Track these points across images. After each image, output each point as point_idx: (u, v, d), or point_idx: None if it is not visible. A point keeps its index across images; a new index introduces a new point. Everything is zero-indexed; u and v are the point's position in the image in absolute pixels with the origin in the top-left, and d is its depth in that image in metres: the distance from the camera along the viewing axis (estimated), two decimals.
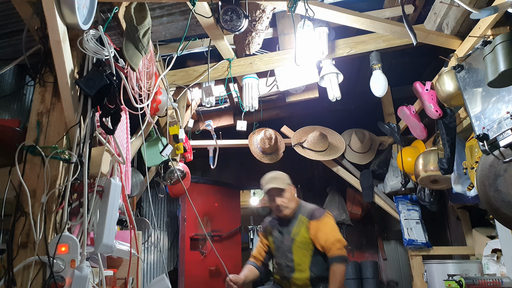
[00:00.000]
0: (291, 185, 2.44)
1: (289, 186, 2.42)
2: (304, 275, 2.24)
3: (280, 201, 2.35)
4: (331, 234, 2.21)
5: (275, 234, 2.43)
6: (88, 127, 1.64)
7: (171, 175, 2.82)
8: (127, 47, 1.84)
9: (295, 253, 2.28)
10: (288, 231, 2.35)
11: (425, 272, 3.17)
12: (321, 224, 2.26)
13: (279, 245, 2.38)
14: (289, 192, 2.40)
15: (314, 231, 2.25)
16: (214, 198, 4.40)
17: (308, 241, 2.26)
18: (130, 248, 1.92)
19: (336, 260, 2.14)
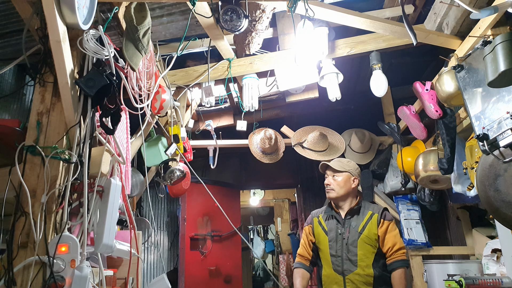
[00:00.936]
0: (351, 174, 2.37)
1: (347, 173, 2.36)
2: (367, 272, 2.18)
3: (327, 181, 2.35)
4: (400, 240, 2.25)
5: (330, 224, 2.35)
6: (88, 127, 1.64)
7: (171, 175, 2.82)
8: (127, 47, 1.84)
9: (360, 247, 2.21)
10: (352, 223, 2.28)
11: (425, 272, 3.17)
12: (392, 227, 2.27)
13: (337, 236, 2.29)
14: (344, 178, 2.35)
15: (384, 231, 2.24)
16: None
17: (375, 237, 2.23)
18: (130, 248, 1.92)
19: (402, 263, 2.18)
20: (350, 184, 2.34)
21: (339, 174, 2.35)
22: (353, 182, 2.36)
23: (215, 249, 4.18)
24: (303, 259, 2.39)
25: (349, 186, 2.34)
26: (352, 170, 2.38)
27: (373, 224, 2.24)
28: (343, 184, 2.33)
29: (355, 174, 2.38)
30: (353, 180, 2.36)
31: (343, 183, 2.33)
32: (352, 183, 2.35)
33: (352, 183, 2.35)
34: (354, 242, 2.22)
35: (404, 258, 2.19)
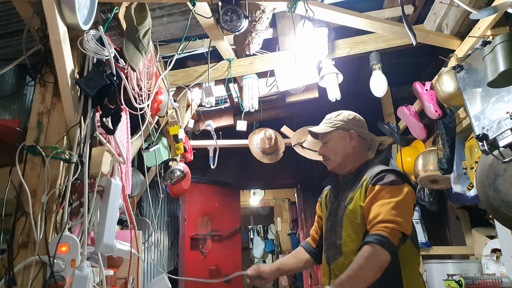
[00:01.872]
0: (344, 129, 1.74)
1: (337, 131, 1.74)
2: (351, 260, 1.44)
3: (321, 151, 1.78)
4: (387, 211, 1.41)
5: (330, 199, 1.77)
6: (89, 127, 1.64)
7: (171, 175, 2.82)
8: (127, 47, 1.84)
9: (345, 227, 1.57)
10: (344, 195, 1.65)
11: (425, 272, 3.17)
12: (385, 193, 1.47)
13: (330, 213, 1.71)
14: (335, 139, 1.74)
15: (370, 199, 1.50)
16: (214, 198, 4.41)
17: (361, 211, 1.53)
18: (131, 248, 1.92)
19: (373, 238, 1.37)
20: (346, 143, 1.73)
21: (328, 137, 1.76)
22: (351, 139, 1.74)
23: (215, 249, 4.19)
24: (310, 238, 1.90)
25: (345, 145, 1.73)
26: (343, 124, 1.76)
27: (361, 193, 1.55)
28: (337, 147, 1.73)
29: (350, 127, 1.75)
30: (350, 136, 1.74)
31: (336, 146, 1.74)
32: (349, 141, 1.73)
33: (350, 140, 1.74)
34: (340, 220, 1.61)
35: (383, 232, 1.37)
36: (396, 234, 1.37)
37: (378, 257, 1.34)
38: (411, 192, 1.51)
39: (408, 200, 1.47)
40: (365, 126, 1.81)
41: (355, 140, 1.74)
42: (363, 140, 1.77)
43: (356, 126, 1.77)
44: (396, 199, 1.44)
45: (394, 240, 1.36)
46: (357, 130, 1.75)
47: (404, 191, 1.48)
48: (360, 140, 1.76)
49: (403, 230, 1.38)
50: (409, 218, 1.44)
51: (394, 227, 1.37)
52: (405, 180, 1.53)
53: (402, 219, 1.39)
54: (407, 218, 1.42)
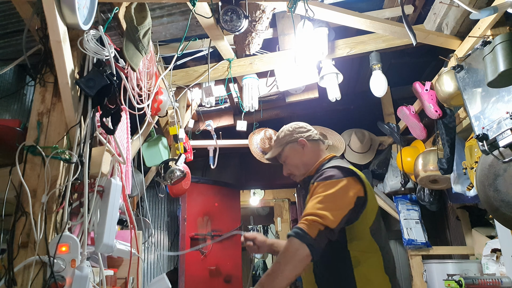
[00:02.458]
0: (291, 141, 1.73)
1: (287, 145, 1.73)
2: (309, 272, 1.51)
3: (285, 171, 1.77)
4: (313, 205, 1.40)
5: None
6: (89, 127, 1.64)
7: (171, 175, 2.82)
8: (127, 47, 1.84)
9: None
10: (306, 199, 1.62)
11: (425, 272, 3.17)
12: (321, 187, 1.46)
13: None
14: (288, 153, 1.73)
15: (309, 198, 1.50)
16: (214, 198, 4.41)
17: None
18: (131, 248, 1.92)
19: (292, 232, 1.36)
20: (299, 152, 1.71)
21: (283, 156, 1.75)
22: (302, 146, 1.71)
23: (215, 249, 4.19)
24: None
25: (300, 155, 1.71)
26: (288, 137, 1.75)
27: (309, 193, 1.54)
28: (294, 161, 1.72)
29: (296, 137, 1.73)
30: (301, 144, 1.71)
31: (293, 160, 1.72)
32: (302, 149, 1.71)
33: (302, 148, 1.71)
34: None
35: (301, 225, 1.35)
36: (315, 226, 1.33)
37: (295, 251, 1.30)
38: (350, 185, 1.44)
39: (342, 193, 1.41)
40: (309, 128, 1.78)
41: (306, 145, 1.72)
42: (315, 142, 1.74)
43: (300, 133, 1.75)
44: (325, 193, 1.41)
45: (311, 233, 1.31)
46: (304, 136, 1.73)
47: (338, 185, 1.43)
48: (311, 143, 1.74)
49: (326, 223, 1.33)
50: (338, 212, 1.37)
51: (313, 219, 1.34)
52: (347, 174, 1.47)
53: (326, 212, 1.34)
54: (334, 212, 1.36)
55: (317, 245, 1.32)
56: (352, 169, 1.51)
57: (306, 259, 1.31)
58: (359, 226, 1.43)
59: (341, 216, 1.37)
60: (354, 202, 1.41)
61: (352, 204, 1.41)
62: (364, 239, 1.43)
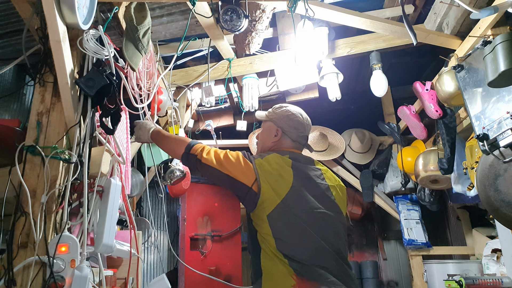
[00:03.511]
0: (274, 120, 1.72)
1: (268, 123, 1.74)
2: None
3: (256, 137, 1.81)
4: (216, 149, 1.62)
5: None
6: (88, 127, 1.63)
7: (171, 175, 2.82)
8: (127, 47, 1.84)
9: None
10: None
11: (425, 272, 3.17)
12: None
13: None
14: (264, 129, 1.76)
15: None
16: (214, 198, 4.40)
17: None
18: (130, 248, 1.92)
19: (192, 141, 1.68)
20: (270, 136, 1.70)
21: (263, 125, 1.78)
22: (276, 134, 1.70)
23: (215, 249, 4.18)
24: None
25: (268, 139, 1.71)
26: (276, 117, 1.72)
27: None
28: (262, 137, 1.74)
29: (280, 124, 1.70)
30: (276, 131, 1.70)
31: (263, 136, 1.74)
32: (273, 135, 1.70)
33: (274, 136, 1.70)
34: None
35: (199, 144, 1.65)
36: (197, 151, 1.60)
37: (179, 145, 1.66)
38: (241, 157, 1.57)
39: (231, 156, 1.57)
40: (298, 127, 1.73)
41: (278, 137, 1.70)
42: (289, 140, 1.71)
43: (287, 124, 1.71)
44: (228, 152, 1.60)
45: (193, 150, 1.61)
46: (285, 129, 1.70)
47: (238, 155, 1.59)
48: (284, 138, 1.71)
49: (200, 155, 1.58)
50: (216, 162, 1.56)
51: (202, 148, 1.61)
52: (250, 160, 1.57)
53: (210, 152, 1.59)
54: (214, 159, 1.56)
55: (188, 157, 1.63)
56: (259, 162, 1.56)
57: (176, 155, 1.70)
58: (258, 215, 1.53)
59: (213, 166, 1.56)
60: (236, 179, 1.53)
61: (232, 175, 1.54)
62: (262, 225, 1.51)
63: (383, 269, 4.48)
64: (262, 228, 1.51)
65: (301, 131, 1.74)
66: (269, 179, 1.53)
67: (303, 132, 1.75)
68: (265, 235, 1.50)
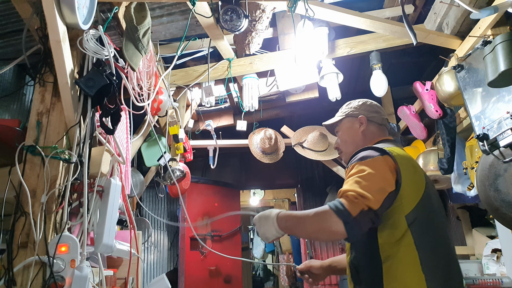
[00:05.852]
0: (353, 116, 1.59)
1: (346, 118, 1.60)
2: (348, 260, 1.39)
3: (335, 144, 1.67)
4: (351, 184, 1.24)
5: None
6: (88, 127, 1.63)
7: (171, 175, 2.82)
8: (127, 47, 1.84)
9: None
10: None
11: None
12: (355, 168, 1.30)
13: None
14: (344, 127, 1.61)
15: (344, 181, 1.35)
16: (214, 198, 4.40)
17: None
18: (130, 248, 1.92)
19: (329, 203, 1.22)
20: (355, 129, 1.58)
21: (339, 127, 1.64)
22: (360, 124, 1.57)
23: (215, 249, 4.18)
24: None
25: (354, 133, 1.57)
26: (352, 110, 1.61)
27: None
28: (346, 136, 1.60)
29: (360, 112, 1.58)
30: (359, 122, 1.57)
31: (346, 135, 1.60)
32: (358, 126, 1.57)
33: (359, 126, 1.57)
34: None
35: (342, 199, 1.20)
36: (357, 204, 1.17)
37: (328, 220, 1.18)
38: (385, 162, 1.28)
39: (380, 172, 1.25)
40: (379, 111, 1.59)
41: (364, 125, 1.55)
42: (375, 125, 1.56)
43: (366, 110, 1.58)
44: (361, 174, 1.25)
45: (352, 210, 1.16)
46: (367, 115, 1.56)
47: (376, 163, 1.27)
48: (371, 124, 1.56)
49: (369, 203, 1.17)
50: (379, 193, 1.20)
51: (355, 196, 1.18)
52: (382, 153, 1.31)
53: (366, 193, 1.18)
54: (375, 192, 1.19)
55: (357, 225, 1.16)
56: (387, 149, 1.32)
57: (338, 235, 1.18)
58: (392, 214, 1.25)
59: (383, 197, 1.20)
60: (394, 184, 1.24)
61: (393, 185, 1.23)
62: (397, 229, 1.23)
63: None
64: (394, 234, 1.23)
65: (382, 114, 1.61)
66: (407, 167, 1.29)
67: (384, 115, 1.62)
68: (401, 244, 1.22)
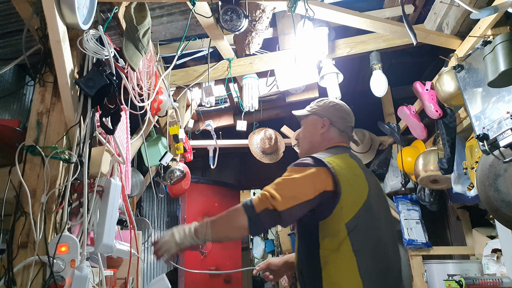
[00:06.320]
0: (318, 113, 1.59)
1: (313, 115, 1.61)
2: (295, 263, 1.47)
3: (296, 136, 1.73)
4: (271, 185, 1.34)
5: None
6: (88, 127, 1.64)
7: (171, 175, 2.82)
8: (127, 47, 1.84)
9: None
10: None
11: (425, 272, 3.17)
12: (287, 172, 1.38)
13: None
14: (308, 122, 1.61)
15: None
16: (214, 198, 4.40)
17: None
18: (130, 248, 1.92)
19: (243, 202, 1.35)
20: (316, 129, 1.57)
21: (304, 121, 1.65)
22: (322, 126, 1.56)
23: (215, 249, 4.18)
24: None
25: (314, 132, 1.57)
26: (319, 109, 1.60)
27: None
28: (307, 133, 1.60)
29: (326, 114, 1.58)
30: (322, 123, 1.56)
31: (307, 131, 1.60)
32: (320, 127, 1.56)
33: (321, 128, 1.56)
34: None
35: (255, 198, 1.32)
36: (263, 203, 1.27)
37: (235, 217, 1.31)
38: (316, 176, 1.31)
39: (303, 181, 1.30)
40: (345, 117, 1.61)
41: (326, 128, 1.56)
42: (337, 131, 1.58)
43: (332, 114, 1.59)
44: (288, 177, 1.32)
45: (257, 207, 1.27)
46: (332, 119, 1.57)
47: (304, 172, 1.31)
48: (333, 129, 1.57)
49: (275, 204, 1.25)
50: (291, 199, 1.26)
51: (266, 195, 1.27)
52: (319, 164, 1.33)
53: (278, 195, 1.26)
54: (287, 198, 1.26)
55: (258, 221, 1.27)
56: (328, 161, 1.34)
57: (242, 230, 1.30)
58: (332, 222, 1.29)
59: (293, 204, 1.26)
60: (316, 195, 1.28)
61: (311, 195, 1.28)
62: (337, 237, 1.28)
63: None
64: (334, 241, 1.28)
65: (348, 120, 1.63)
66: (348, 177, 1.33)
67: (350, 122, 1.64)
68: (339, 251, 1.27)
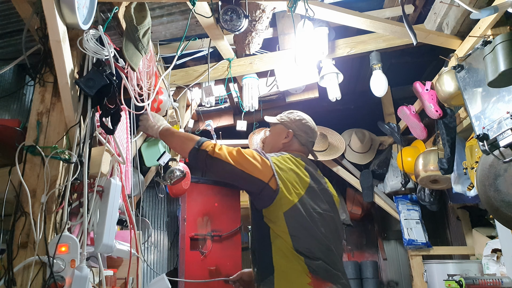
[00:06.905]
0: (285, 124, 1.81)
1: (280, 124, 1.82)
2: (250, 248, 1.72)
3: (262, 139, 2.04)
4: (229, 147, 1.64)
5: None
6: (88, 127, 1.63)
7: (171, 175, 2.82)
8: (127, 47, 1.84)
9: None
10: None
11: (425, 272, 3.17)
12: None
13: None
14: (275, 130, 1.84)
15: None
16: (214, 198, 4.40)
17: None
18: (130, 248, 1.92)
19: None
20: (280, 138, 1.79)
21: (272, 128, 1.88)
22: (286, 137, 1.77)
23: (215, 249, 4.18)
24: None
25: (278, 140, 1.79)
26: (287, 121, 1.80)
27: None
28: (271, 139, 1.82)
29: (292, 127, 1.78)
30: (287, 135, 1.77)
31: (272, 138, 1.83)
32: (283, 137, 1.78)
33: (284, 138, 1.78)
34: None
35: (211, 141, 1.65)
36: (209, 147, 1.57)
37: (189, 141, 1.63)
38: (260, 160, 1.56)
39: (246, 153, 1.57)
40: (309, 132, 1.82)
41: (289, 139, 1.78)
42: (298, 143, 1.80)
43: (298, 128, 1.80)
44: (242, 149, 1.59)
45: (204, 146, 1.58)
46: (296, 132, 1.79)
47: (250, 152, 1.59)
48: (295, 141, 1.79)
49: (213, 151, 1.55)
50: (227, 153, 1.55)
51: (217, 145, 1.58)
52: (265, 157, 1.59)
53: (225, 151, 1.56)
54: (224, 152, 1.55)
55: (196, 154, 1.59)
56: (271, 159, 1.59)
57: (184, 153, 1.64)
58: (273, 211, 1.54)
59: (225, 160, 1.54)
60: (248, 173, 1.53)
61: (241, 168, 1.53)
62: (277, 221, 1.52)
63: (383, 269, 4.48)
64: (277, 225, 1.51)
65: (310, 136, 1.83)
66: (287, 176, 1.56)
67: (312, 138, 1.84)
68: (280, 232, 1.51)
